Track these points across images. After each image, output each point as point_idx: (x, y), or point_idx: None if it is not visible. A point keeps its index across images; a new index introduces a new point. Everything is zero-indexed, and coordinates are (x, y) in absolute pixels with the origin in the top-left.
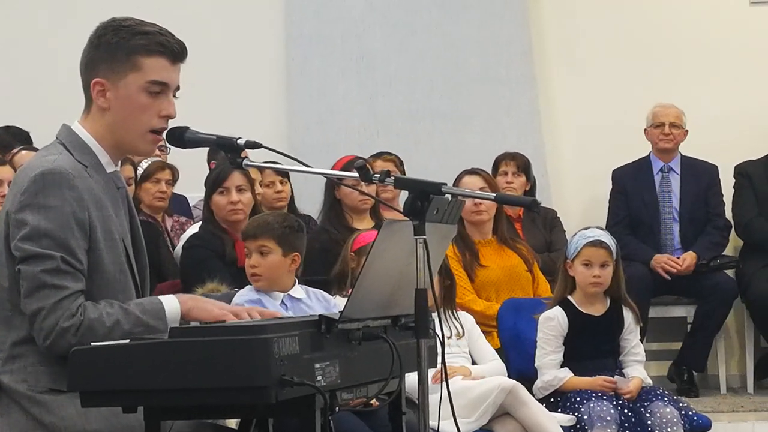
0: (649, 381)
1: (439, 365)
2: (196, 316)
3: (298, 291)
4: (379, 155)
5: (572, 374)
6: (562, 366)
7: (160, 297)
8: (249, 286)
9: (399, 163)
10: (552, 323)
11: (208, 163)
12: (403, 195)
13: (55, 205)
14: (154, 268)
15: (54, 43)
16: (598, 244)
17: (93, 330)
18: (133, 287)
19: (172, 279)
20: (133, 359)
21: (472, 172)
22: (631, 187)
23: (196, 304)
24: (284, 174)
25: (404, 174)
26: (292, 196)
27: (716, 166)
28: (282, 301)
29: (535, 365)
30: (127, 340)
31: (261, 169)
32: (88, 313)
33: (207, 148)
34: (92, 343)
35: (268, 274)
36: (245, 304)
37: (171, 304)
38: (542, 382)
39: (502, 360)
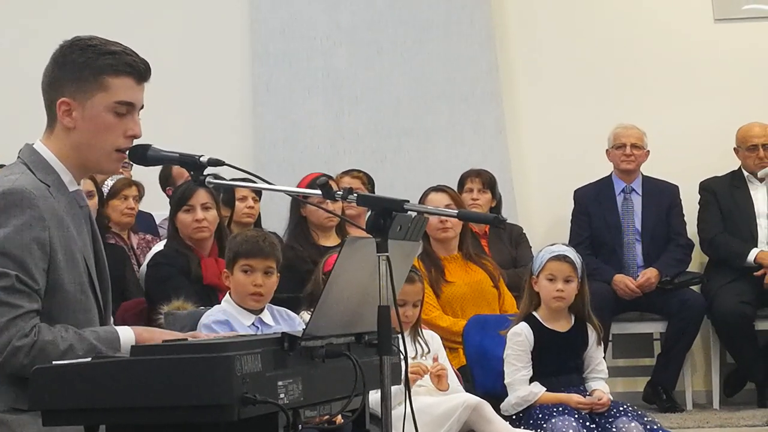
0: (610, 397)
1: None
2: None
3: (267, 316)
4: (347, 172)
5: (545, 389)
6: (530, 382)
7: (116, 327)
8: (217, 306)
9: (367, 181)
10: (520, 338)
11: (164, 190)
12: None
13: (15, 224)
14: (118, 289)
15: (14, 62)
16: (562, 258)
17: (45, 352)
18: (95, 307)
19: (135, 299)
20: (94, 378)
21: (438, 189)
22: (594, 208)
23: (152, 336)
24: (257, 192)
25: (373, 191)
26: (259, 214)
27: (677, 186)
28: (253, 323)
29: (506, 382)
30: (89, 359)
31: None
32: (42, 335)
33: (159, 176)
34: (54, 362)
35: (268, 294)
36: (213, 325)
37: (126, 334)
38: (516, 398)
39: (468, 378)
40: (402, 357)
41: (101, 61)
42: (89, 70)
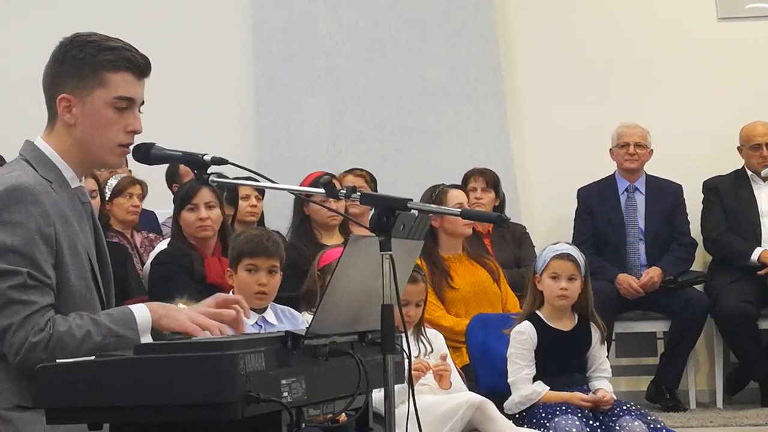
0: (614, 396)
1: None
2: (167, 325)
3: (270, 315)
4: (350, 171)
5: (548, 388)
6: (533, 381)
7: (131, 306)
8: None
9: (370, 179)
10: (523, 337)
11: (170, 187)
12: None
13: (20, 220)
14: (120, 287)
15: (15, 60)
16: (565, 257)
17: (63, 343)
18: (98, 302)
19: (138, 297)
20: (98, 376)
21: (457, 186)
22: (597, 207)
23: (167, 313)
24: (259, 190)
25: (375, 190)
26: (262, 213)
27: (680, 186)
28: (256, 322)
29: (509, 381)
30: (92, 357)
31: (229, 187)
32: (57, 326)
33: (166, 173)
34: (58, 360)
35: (272, 293)
36: None
37: (142, 313)
38: (520, 397)
39: (471, 377)
40: (405, 356)
41: (100, 56)
42: (88, 66)
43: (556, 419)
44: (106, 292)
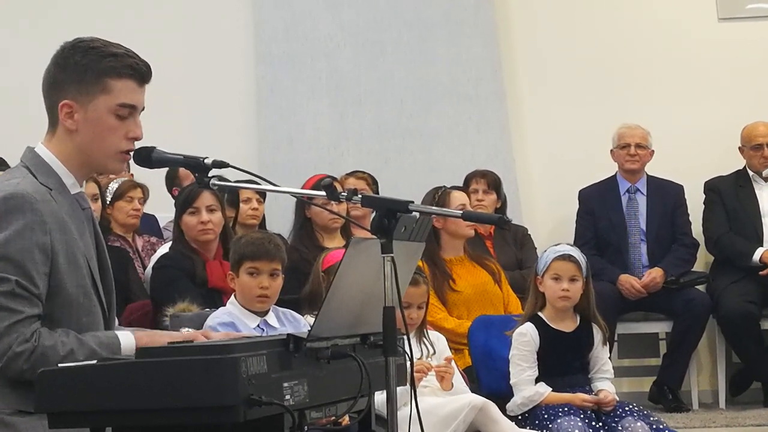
0: (616, 397)
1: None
2: None
3: (272, 318)
4: (352, 173)
5: (551, 389)
6: (535, 382)
7: (117, 332)
8: (222, 308)
9: (372, 182)
10: (525, 339)
11: (169, 191)
12: None
13: (15, 228)
14: (121, 291)
15: (15, 63)
16: (567, 258)
17: (46, 357)
18: (99, 310)
19: (140, 301)
20: (100, 380)
21: (458, 188)
22: (598, 208)
23: (152, 340)
24: (261, 193)
25: (377, 192)
26: (263, 216)
27: (682, 186)
28: (258, 325)
29: (511, 382)
30: (94, 361)
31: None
32: (43, 340)
33: (165, 176)
34: (59, 365)
35: (274, 296)
36: (218, 327)
37: (127, 341)
38: (522, 398)
39: (473, 378)
40: (407, 358)
41: (104, 63)
42: (91, 72)
43: (559, 420)
44: (107, 298)
